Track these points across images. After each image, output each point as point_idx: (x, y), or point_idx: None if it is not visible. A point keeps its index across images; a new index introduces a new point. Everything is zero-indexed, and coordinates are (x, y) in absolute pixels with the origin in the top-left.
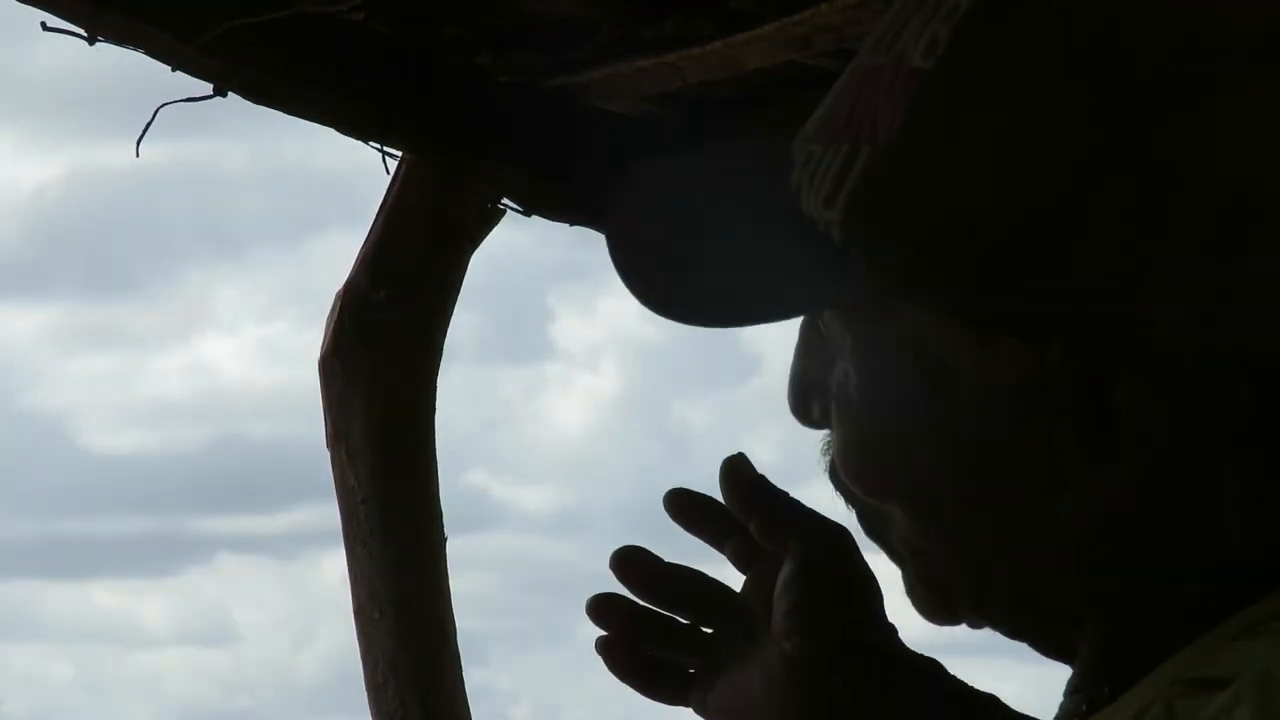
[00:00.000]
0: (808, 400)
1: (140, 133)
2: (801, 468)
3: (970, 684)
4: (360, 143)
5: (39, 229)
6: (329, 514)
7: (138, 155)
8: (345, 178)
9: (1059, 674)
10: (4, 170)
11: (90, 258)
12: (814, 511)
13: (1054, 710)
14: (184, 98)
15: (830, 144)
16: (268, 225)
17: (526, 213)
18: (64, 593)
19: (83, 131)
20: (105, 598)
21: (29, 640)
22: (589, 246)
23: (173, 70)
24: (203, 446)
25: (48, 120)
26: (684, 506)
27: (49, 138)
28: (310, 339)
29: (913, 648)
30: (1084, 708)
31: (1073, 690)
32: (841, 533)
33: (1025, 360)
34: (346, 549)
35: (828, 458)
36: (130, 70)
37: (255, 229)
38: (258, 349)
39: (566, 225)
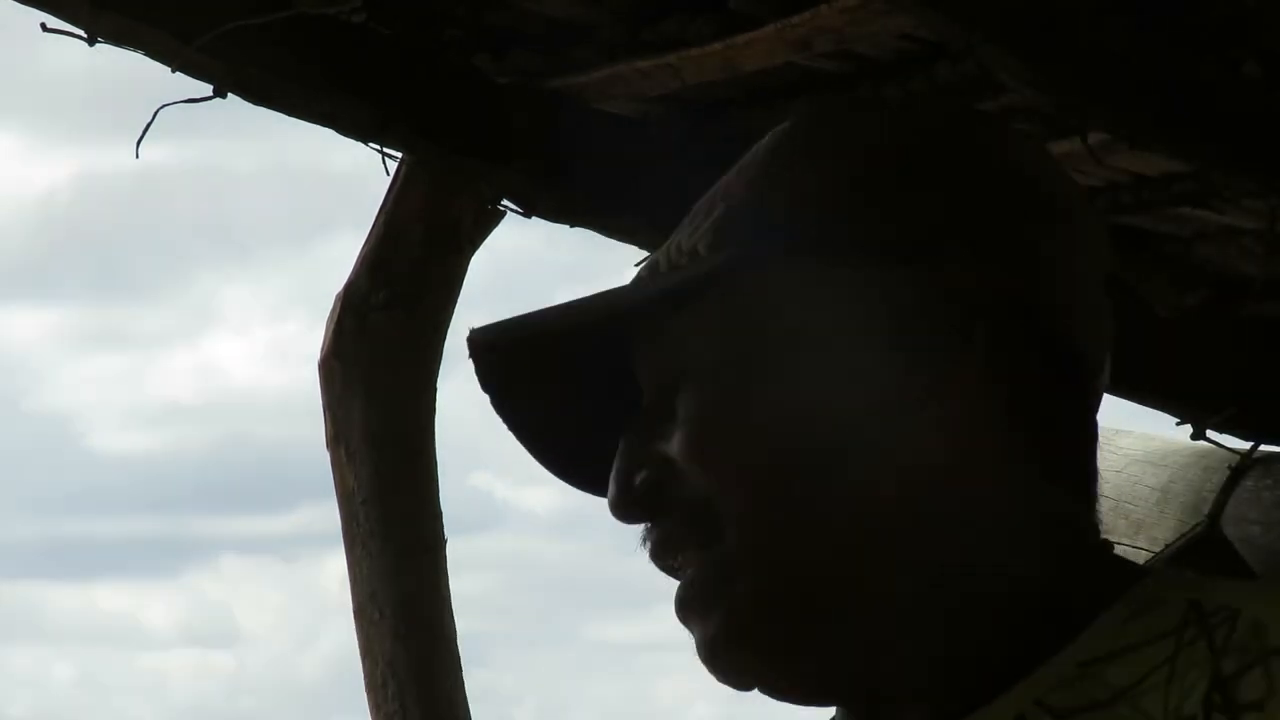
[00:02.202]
0: (631, 476)
1: (140, 134)
2: None
3: None
4: (363, 144)
5: (47, 231)
6: (333, 515)
7: (137, 156)
8: (354, 179)
9: None
10: (12, 172)
11: (98, 259)
12: None
13: None
14: (183, 99)
15: (678, 234)
16: (276, 227)
17: (526, 214)
18: (68, 594)
19: (90, 134)
20: (109, 599)
21: (32, 641)
22: (596, 248)
23: (172, 71)
24: (208, 448)
25: (56, 122)
26: None
27: (58, 140)
28: (318, 341)
29: None
30: None
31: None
32: None
33: (902, 286)
34: (346, 550)
35: (650, 541)
36: (141, 73)
37: (263, 230)
38: (265, 351)
39: (568, 227)
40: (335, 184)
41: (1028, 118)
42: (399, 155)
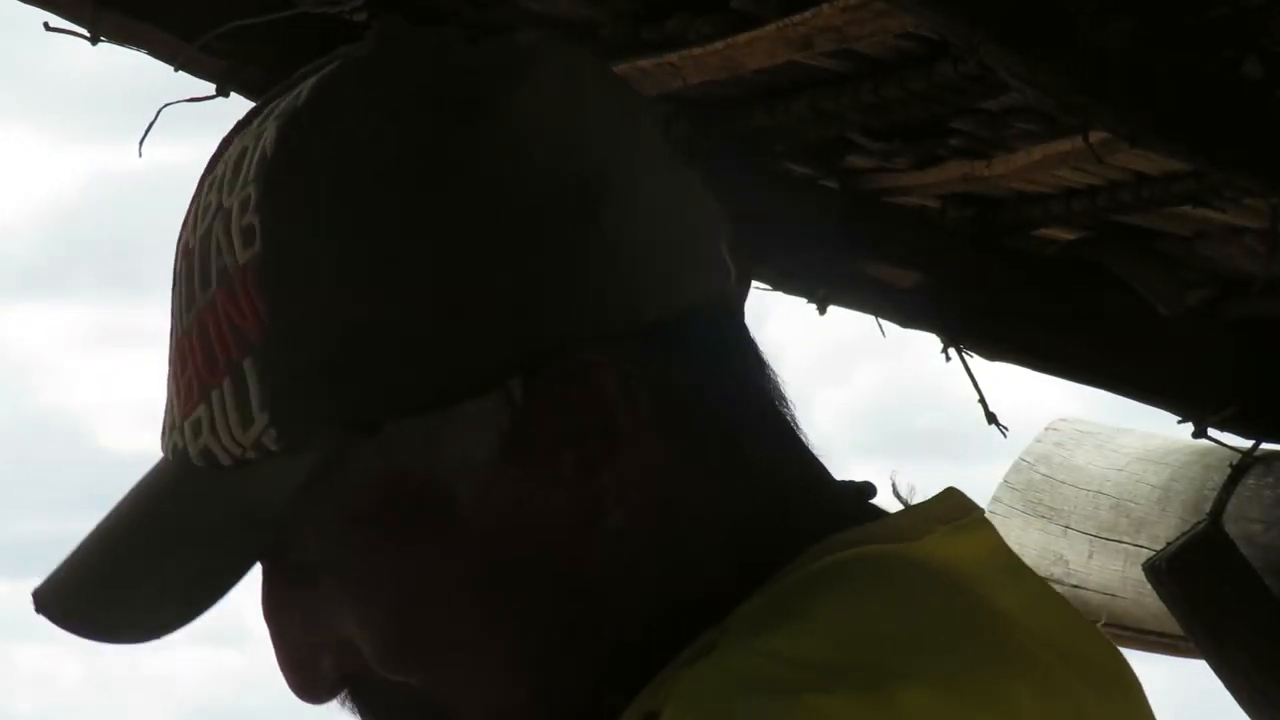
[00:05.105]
0: (315, 664)
1: (143, 134)
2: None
3: None
4: None
5: (59, 231)
6: None
7: (140, 155)
8: None
9: None
10: (24, 172)
11: (110, 259)
12: None
13: None
14: (187, 98)
15: (202, 404)
16: None
17: None
18: None
19: (102, 133)
20: None
21: (40, 639)
22: None
23: (175, 70)
24: None
25: (67, 122)
26: None
27: (68, 140)
28: None
29: None
30: None
31: None
32: None
33: (495, 413)
34: None
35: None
36: (153, 73)
37: None
38: None
39: None
40: None
41: (1028, 117)
42: None
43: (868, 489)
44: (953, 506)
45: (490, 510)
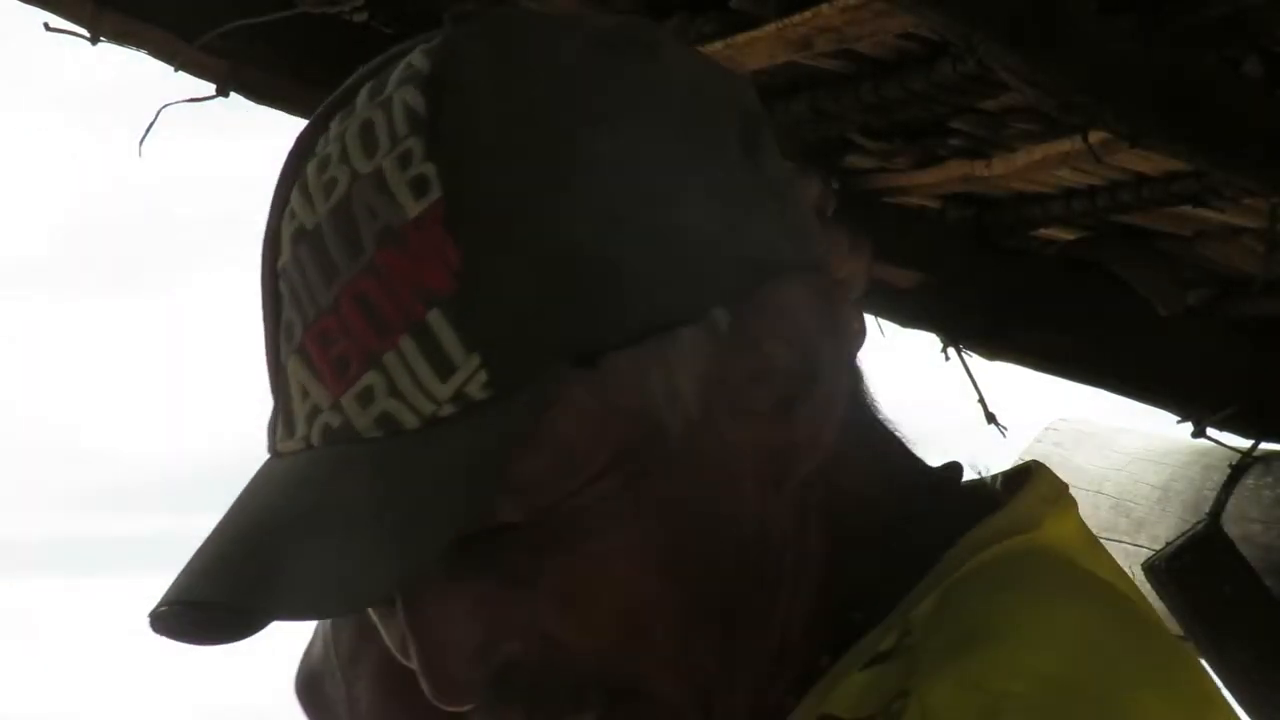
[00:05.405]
0: (480, 661)
1: (143, 134)
2: None
3: None
4: None
5: (67, 229)
6: None
7: (140, 155)
8: None
9: None
10: (35, 172)
11: (116, 257)
12: None
13: None
14: (187, 98)
15: (370, 371)
16: None
17: None
18: (80, 589)
19: (106, 133)
20: (125, 594)
21: (40, 637)
22: None
23: (174, 70)
24: (217, 447)
25: (76, 122)
26: None
27: (76, 139)
28: None
29: None
30: None
31: None
32: None
33: (702, 344)
34: None
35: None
36: (165, 75)
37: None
38: None
39: None
40: None
41: (1028, 117)
42: None
43: (957, 469)
44: (1050, 485)
45: (698, 453)
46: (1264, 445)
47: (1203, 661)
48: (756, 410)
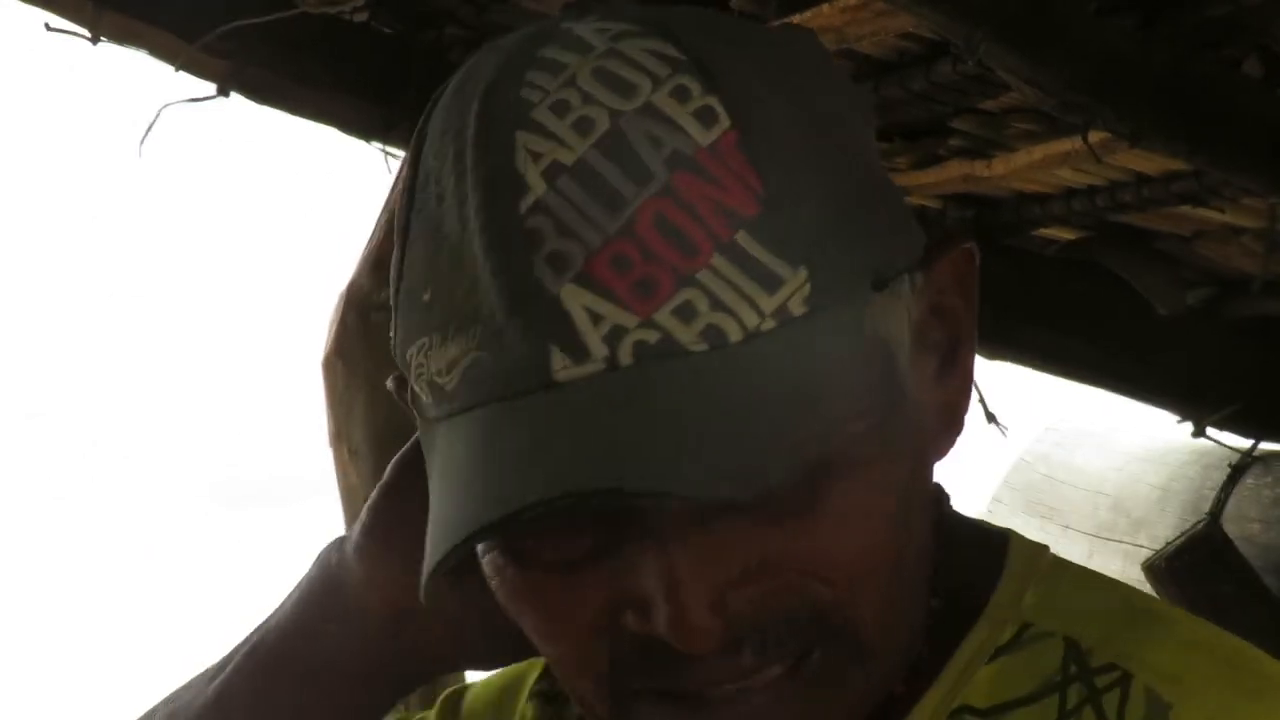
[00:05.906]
0: (722, 606)
1: (144, 134)
2: None
3: None
4: (366, 143)
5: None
6: (334, 513)
7: (140, 155)
8: (357, 177)
9: None
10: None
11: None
12: None
13: None
14: (187, 98)
15: (684, 289)
16: (279, 225)
17: None
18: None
19: (97, 129)
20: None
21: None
22: None
23: (175, 70)
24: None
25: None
26: None
27: (73, 137)
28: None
29: None
30: None
31: None
32: None
33: (915, 293)
34: None
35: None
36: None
37: (267, 229)
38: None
39: None
40: (338, 182)
41: (1028, 117)
42: (402, 154)
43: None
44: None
45: (915, 401)
46: (1263, 445)
47: None
48: (930, 359)
